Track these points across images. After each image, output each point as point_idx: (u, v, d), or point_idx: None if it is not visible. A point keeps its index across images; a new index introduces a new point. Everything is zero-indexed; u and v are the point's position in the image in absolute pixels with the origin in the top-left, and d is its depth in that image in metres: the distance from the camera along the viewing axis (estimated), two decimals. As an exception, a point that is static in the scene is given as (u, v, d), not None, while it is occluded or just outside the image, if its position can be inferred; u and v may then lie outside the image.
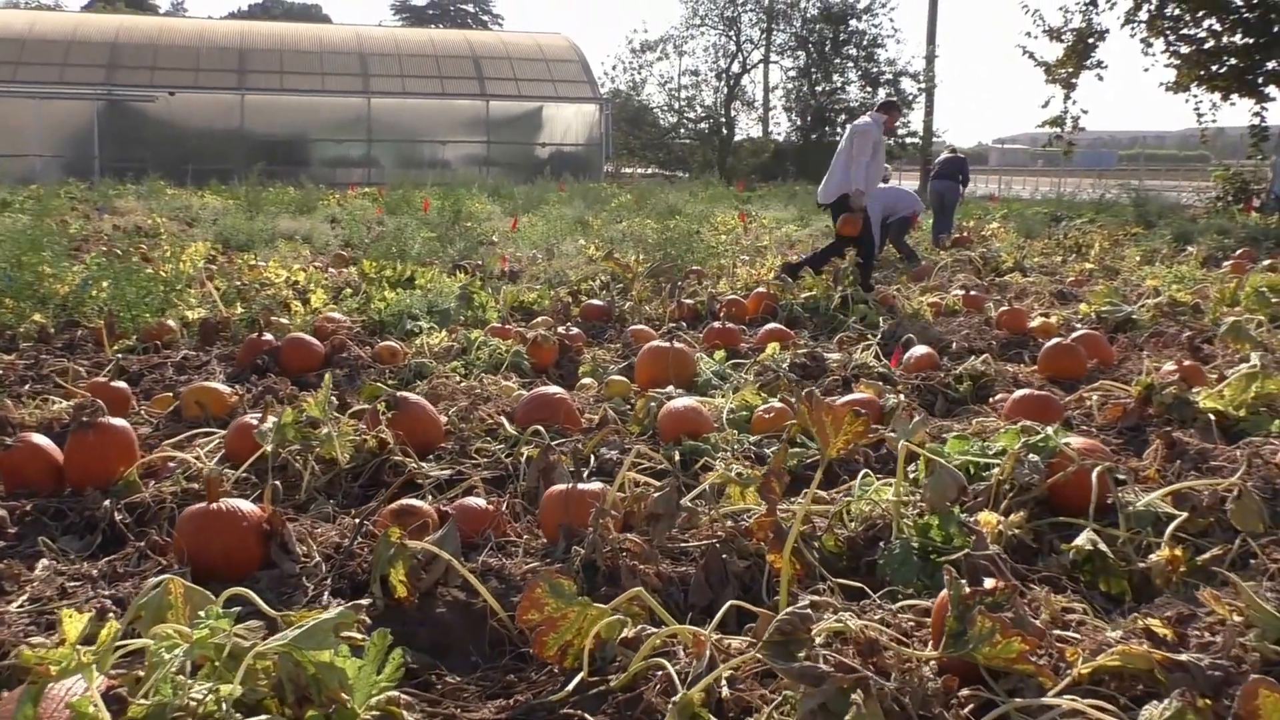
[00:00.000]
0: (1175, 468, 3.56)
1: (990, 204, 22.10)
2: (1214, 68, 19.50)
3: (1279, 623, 2.36)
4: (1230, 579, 2.47)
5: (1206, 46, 19.53)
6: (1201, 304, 6.91)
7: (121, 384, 4.17)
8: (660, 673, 2.12)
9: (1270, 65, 19.00)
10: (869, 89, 39.67)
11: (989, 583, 2.27)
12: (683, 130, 43.61)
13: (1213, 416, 4.15)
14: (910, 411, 4.36)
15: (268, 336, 5.23)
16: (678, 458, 3.71)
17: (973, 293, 7.74)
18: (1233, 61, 19.19)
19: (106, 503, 3.03)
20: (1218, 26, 19.26)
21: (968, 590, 2.13)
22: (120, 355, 5.13)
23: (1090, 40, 20.22)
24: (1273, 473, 3.41)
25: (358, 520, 2.78)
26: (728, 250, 11.13)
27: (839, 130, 39.71)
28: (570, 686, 2.14)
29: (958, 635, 2.06)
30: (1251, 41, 18.79)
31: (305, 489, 3.21)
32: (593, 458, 3.67)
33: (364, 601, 1.92)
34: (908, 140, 37.99)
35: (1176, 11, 19.66)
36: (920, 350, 5.49)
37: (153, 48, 30.98)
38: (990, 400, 4.84)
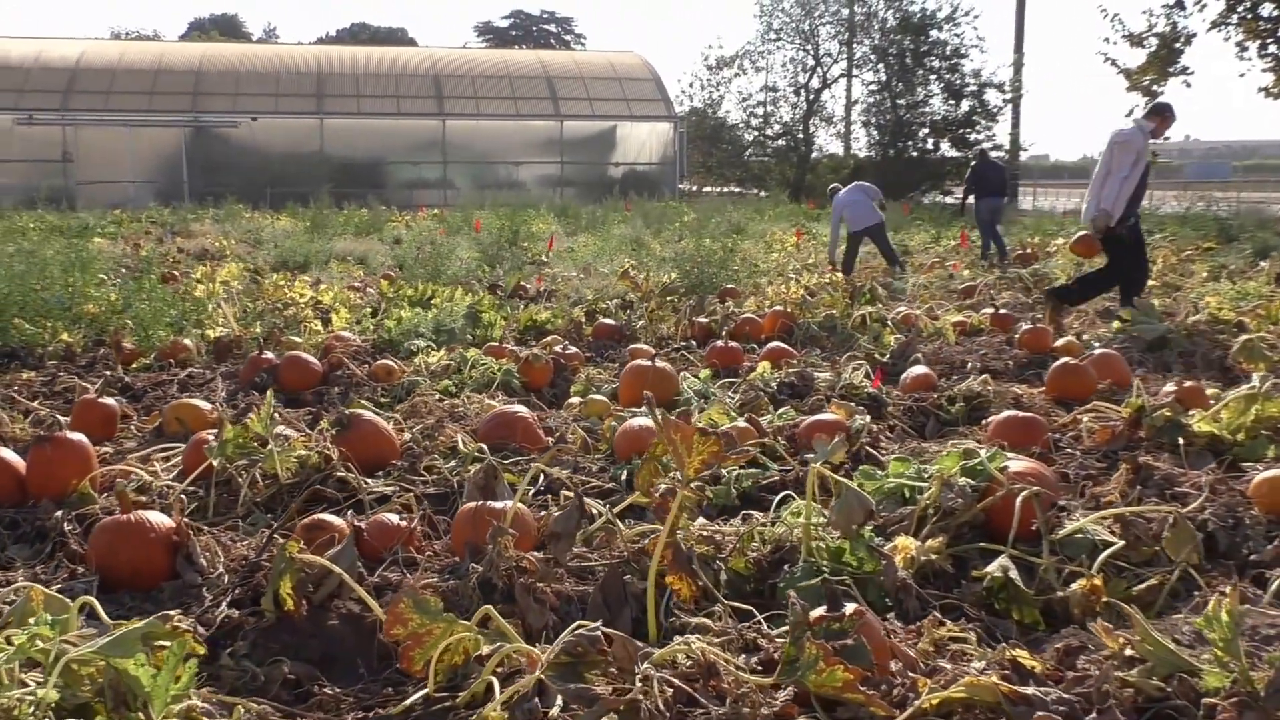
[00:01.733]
0: (1136, 494, 3.43)
1: (1064, 218, 21.49)
2: None
3: (1172, 658, 2.26)
4: (1126, 611, 2.36)
5: None
6: (1245, 322, 6.62)
7: (110, 401, 4.35)
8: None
9: None
10: (952, 101, 38.78)
11: (850, 609, 2.23)
12: (760, 147, 43.32)
13: (1200, 440, 4.00)
14: (876, 432, 4.29)
15: (268, 355, 5.40)
16: (625, 476, 3.72)
17: (1002, 312, 7.54)
18: None
19: (58, 513, 3.17)
20: None
21: (808, 616, 2.10)
22: (113, 373, 5.34)
23: (1175, 45, 19.45)
24: (1236, 500, 3.26)
25: (267, 534, 2.85)
26: (767, 270, 11.06)
27: (921, 144, 39.01)
28: (409, 701, 2.17)
29: (792, 662, 2.03)
30: None
31: (243, 503, 3.31)
32: (542, 476, 3.70)
33: (167, 621, 1.96)
34: (993, 153, 37.04)
35: (1276, 12, 18.80)
36: (917, 370, 5.39)
37: (235, 75, 32.23)
38: (983, 422, 4.72)
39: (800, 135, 42.02)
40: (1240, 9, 18.57)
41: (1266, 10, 18.47)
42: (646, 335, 7.11)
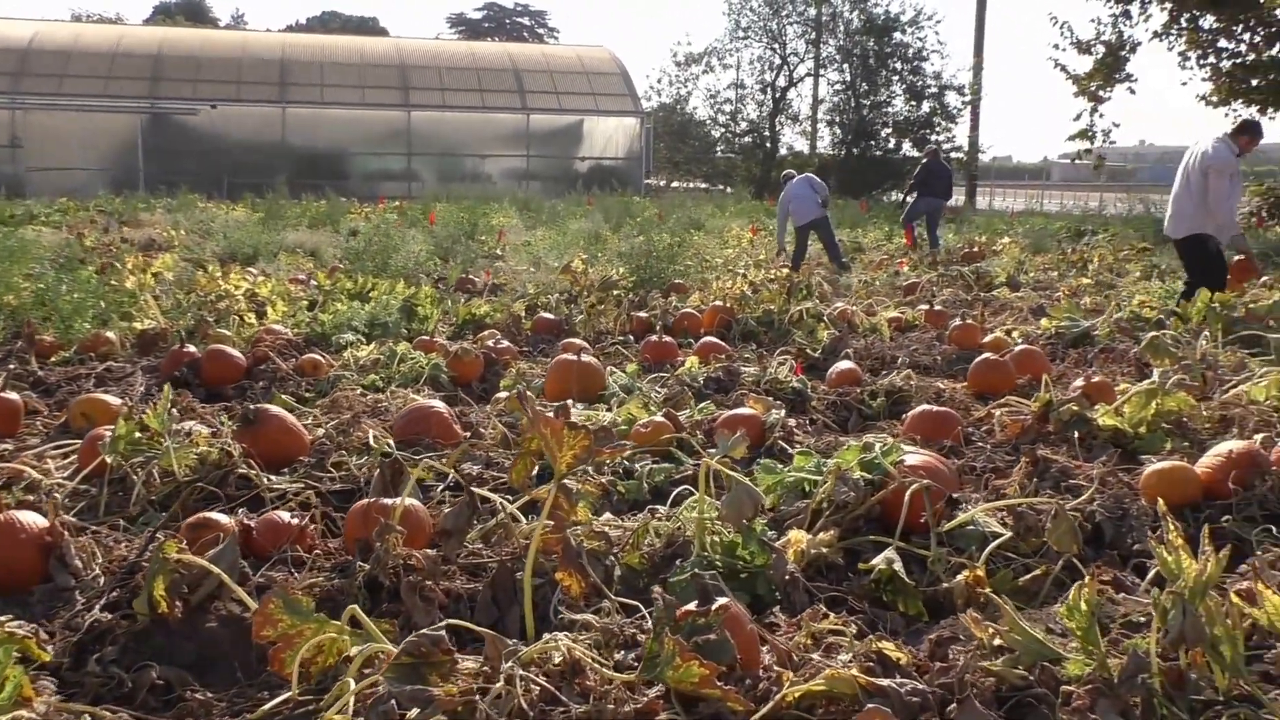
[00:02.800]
0: (1034, 486, 3.47)
1: (1013, 219, 21.75)
2: (1254, 81, 18.94)
3: (1039, 647, 2.28)
4: (996, 601, 2.38)
5: (1247, 60, 18.97)
6: (1165, 320, 6.72)
7: (13, 395, 4.26)
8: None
9: None
10: (913, 103, 39.21)
11: (719, 603, 2.22)
12: (727, 144, 43.42)
13: (1104, 433, 4.06)
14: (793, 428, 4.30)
15: (190, 348, 5.32)
16: (535, 471, 3.70)
17: (937, 308, 7.60)
18: (1271, 76, 18.61)
19: (-59, 512, 3.09)
20: (1256, 39, 18.70)
21: (671, 611, 2.09)
22: (24, 366, 5.24)
23: (1121, 53, 19.71)
24: (1124, 492, 3.30)
25: (149, 533, 2.81)
26: (715, 264, 11.08)
27: (883, 144, 39.31)
28: (268, 706, 2.14)
29: (653, 658, 2.03)
30: None
31: (136, 501, 3.25)
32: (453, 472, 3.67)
33: None
34: (953, 154, 37.61)
35: (1215, 24, 19.11)
36: (843, 365, 5.42)
37: (195, 60, 31.56)
38: (904, 416, 4.76)
39: (766, 133, 42.15)
40: (1182, 19, 18.85)
41: (1207, 22, 18.76)
42: (586, 330, 7.09)
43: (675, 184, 42.47)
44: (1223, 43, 19.05)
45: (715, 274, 10.30)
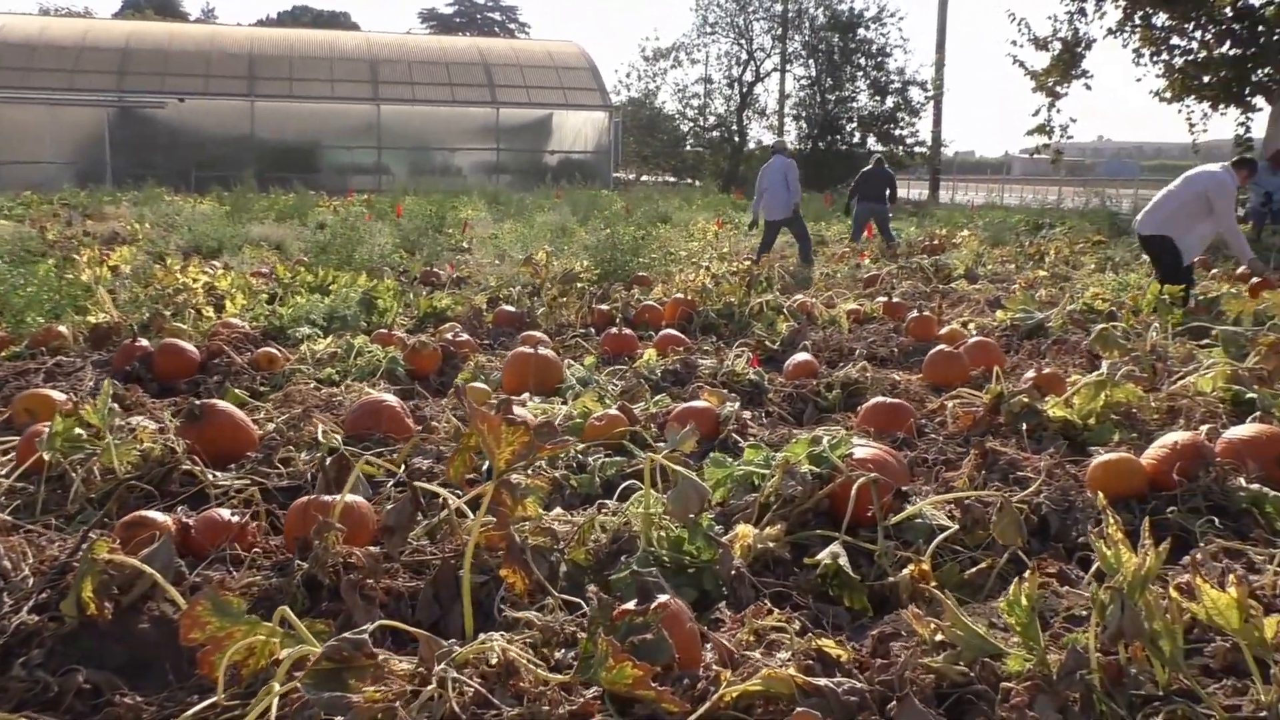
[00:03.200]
0: (983, 478, 3.48)
1: (973, 212, 21.95)
2: (1205, 78, 19.23)
3: (980, 643, 2.28)
4: (937, 597, 2.38)
5: (1199, 58, 19.28)
6: (1117, 312, 6.78)
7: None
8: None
9: (1257, 76, 18.72)
10: (878, 98, 39.51)
11: (659, 600, 2.20)
12: (695, 138, 43.55)
13: (1053, 425, 4.07)
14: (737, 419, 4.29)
15: (142, 342, 5.24)
16: (486, 466, 3.67)
17: (895, 300, 7.63)
18: (1222, 73, 18.93)
19: None
20: (1208, 37, 19.00)
21: (606, 610, 2.07)
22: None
23: (1077, 50, 19.97)
24: (1070, 484, 3.32)
25: (82, 533, 2.75)
26: (679, 257, 11.07)
27: (848, 138, 39.55)
28: (192, 711, 2.09)
29: (588, 659, 2.00)
30: (1240, 52, 18.50)
31: (74, 499, 3.18)
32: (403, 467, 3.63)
33: None
34: (915, 149, 37.90)
35: (1167, 22, 19.39)
36: (800, 357, 5.42)
37: (163, 54, 31.20)
38: (859, 408, 4.76)
39: (734, 127, 42.29)
40: (1136, 17, 19.12)
41: (1159, 20, 19.04)
42: (547, 322, 7.05)
43: (644, 177, 42.55)
44: (1175, 40, 19.33)
45: (679, 267, 10.28)
